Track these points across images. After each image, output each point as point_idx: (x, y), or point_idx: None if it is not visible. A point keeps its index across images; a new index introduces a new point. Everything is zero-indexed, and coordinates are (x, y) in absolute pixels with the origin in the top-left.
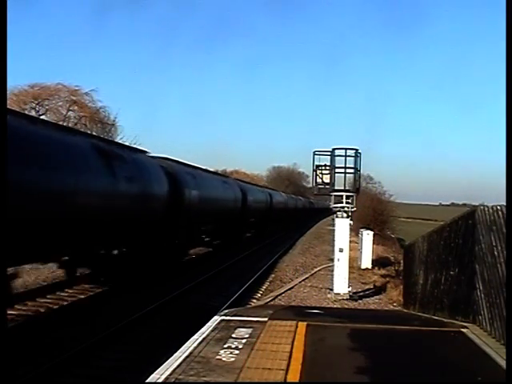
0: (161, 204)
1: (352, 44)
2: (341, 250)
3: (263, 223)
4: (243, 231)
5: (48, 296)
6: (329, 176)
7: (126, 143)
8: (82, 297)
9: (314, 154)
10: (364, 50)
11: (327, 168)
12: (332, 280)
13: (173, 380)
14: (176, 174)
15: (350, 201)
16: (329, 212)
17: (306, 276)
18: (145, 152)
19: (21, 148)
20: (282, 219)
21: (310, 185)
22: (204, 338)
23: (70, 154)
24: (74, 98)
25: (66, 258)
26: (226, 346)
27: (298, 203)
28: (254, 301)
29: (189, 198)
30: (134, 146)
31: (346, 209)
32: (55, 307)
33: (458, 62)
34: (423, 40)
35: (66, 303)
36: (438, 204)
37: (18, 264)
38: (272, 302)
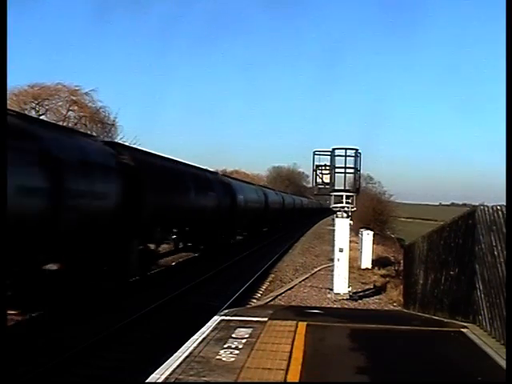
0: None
1: (352, 44)
2: (341, 250)
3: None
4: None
5: None
6: (329, 176)
7: (127, 143)
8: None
9: (314, 154)
10: (364, 49)
11: (327, 168)
12: (332, 280)
13: (173, 380)
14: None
15: (350, 201)
16: (331, 211)
17: (306, 276)
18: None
19: None
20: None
21: (310, 185)
22: (204, 338)
23: None
24: (73, 98)
25: None
26: (225, 345)
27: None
28: (254, 301)
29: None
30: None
31: (346, 209)
32: None
33: (458, 61)
34: (423, 39)
35: None
36: (438, 204)
37: None
38: (272, 302)
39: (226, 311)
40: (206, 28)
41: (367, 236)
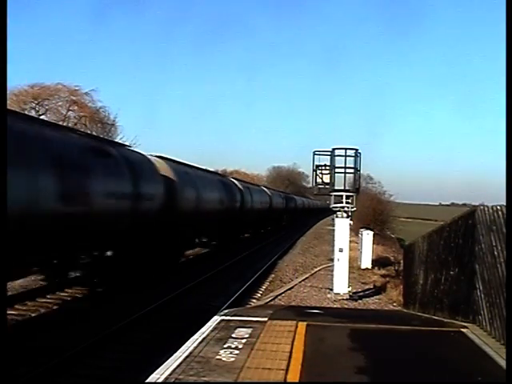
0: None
1: (352, 44)
2: (341, 250)
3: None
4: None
5: (48, 296)
6: (329, 176)
7: (126, 143)
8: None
9: (314, 154)
10: (364, 50)
11: (327, 168)
12: (332, 280)
13: (173, 380)
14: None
15: (349, 201)
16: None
17: (306, 276)
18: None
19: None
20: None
21: (310, 185)
22: (204, 338)
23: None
24: (73, 98)
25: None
26: (225, 345)
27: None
28: (254, 301)
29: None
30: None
31: (345, 209)
32: (55, 307)
33: (458, 62)
34: (424, 40)
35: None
36: (437, 204)
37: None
38: (272, 302)
39: (226, 311)
40: (206, 29)
41: (367, 236)
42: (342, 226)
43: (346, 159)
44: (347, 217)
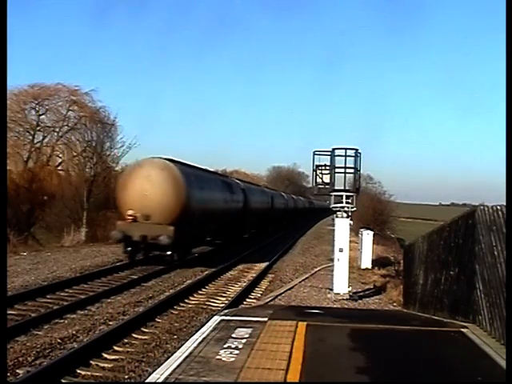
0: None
1: (352, 45)
2: (341, 250)
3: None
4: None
5: (48, 296)
6: (329, 176)
7: (126, 143)
8: (83, 297)
9: (314, 154)
10: (364, 50)
11: (327, 168)
12: (332, 280)
13: (173, 380)
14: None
15: (349, 201)
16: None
17: (306, 276)
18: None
19: None
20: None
21: (310, 185)
22: (204, 338)
23: None
24: (73, 98)
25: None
26: (225, 345)
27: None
28: (254, 301)
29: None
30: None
31: (346, 209)
32: (55, 307)
33: (458, 62)
34: (423, 41)
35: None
36: (437, 204)
37: None
38: (272, 302)
39: (226, 311)
40: (207, 30)
41: (367, 236)
42: (342, 225)
43: (346, 159)
44: (347, 217)
